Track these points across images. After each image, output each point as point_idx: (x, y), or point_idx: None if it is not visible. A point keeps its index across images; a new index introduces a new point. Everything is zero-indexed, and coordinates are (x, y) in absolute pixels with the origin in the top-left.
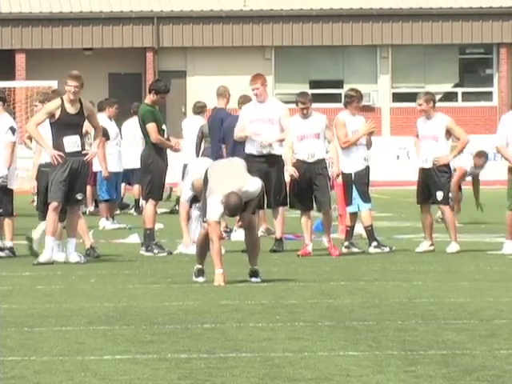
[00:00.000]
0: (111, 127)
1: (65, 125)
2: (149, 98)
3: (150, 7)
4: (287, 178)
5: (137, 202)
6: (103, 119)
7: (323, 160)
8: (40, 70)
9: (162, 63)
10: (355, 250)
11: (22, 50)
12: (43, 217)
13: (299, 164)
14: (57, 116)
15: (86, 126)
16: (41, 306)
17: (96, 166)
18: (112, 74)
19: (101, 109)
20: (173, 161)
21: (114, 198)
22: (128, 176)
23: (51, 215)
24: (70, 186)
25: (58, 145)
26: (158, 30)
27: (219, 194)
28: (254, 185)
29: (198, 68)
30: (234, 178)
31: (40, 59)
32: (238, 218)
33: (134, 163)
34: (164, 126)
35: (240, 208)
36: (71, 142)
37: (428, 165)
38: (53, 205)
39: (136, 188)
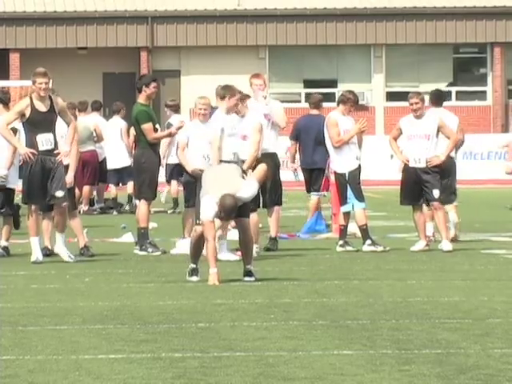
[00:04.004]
0: None
1: (36, 123)
2: (142, 97)
3: (144, 7)
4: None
5: (130, 197)
6: (97, 118)
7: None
8: (34, 70)
9: (156, 62)
10: (349, 248)
11: (16, 49)
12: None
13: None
14: (27, 115)
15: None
16: (35, 305)
17: (124, 162)
18: (106, 73)
19: (95, 108)
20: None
21: None
22: (118, 176)
23: (32, 216)
24: (46, 186)
25: (31, 143)
26: (152, 29)
27: (213, 195)
28: (247, 190)
29: (192, 67)
30: (228, 182)
31: (34, 58)
32: None
33: (122, 162)
34: (157, 125)
35: (235, 210)
36: (44, 140)
37: (421, 164)
38: (31, 207)
39: (130, 185)
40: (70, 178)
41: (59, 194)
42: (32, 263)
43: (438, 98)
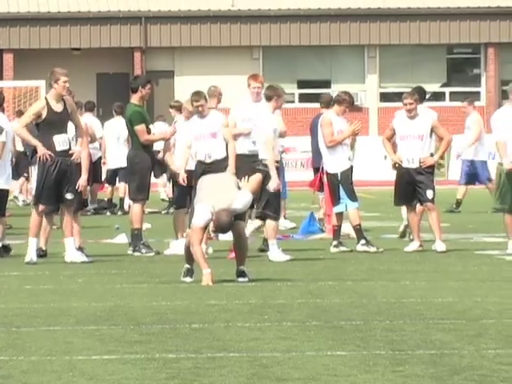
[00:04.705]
0: None
1: (53, 123)
2: (136, 97)
3: (137, 7)
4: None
5: (122, 200)
6: (90, 119)
7: (222, 160)
8: (28, 70)
9: (150, 63)
10: (343, 248)
11: (10, 49)
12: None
13: (199, 165)
14: (44, 116)
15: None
16: (29, 306)
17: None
18: (100, 73)
19: (88, 109)
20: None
21: None
22: (114, 176)
23: (36, 217)
24: (59, 187)
25: (48, 144)
26: (145, 29)
27: (207, 202)
28: (241, 202)
29: (186, 68)
30: (222, 192)
31: (28, 59)
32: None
33: (119, 163)
34: (151, 126)
35: (231, 226)
36: (61, 141)
37: (415, 165)
38: (40, 207)
39: (122, 187)
40: (84, 180)
41: (68, 196)
42: (25, 263)
43: (420, 94)
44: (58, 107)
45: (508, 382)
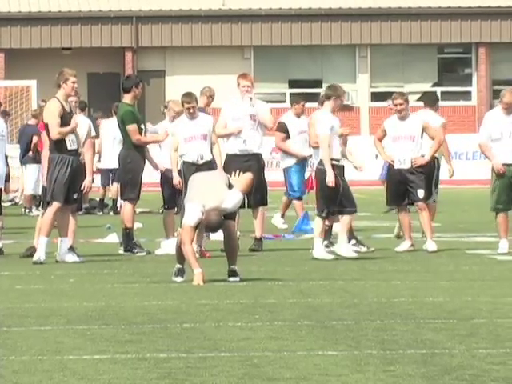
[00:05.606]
0: None
1: (66, 123)
2: (128, 97)
3: (128, 7)
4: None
5: (114, 201)
6: (83, 119)
7: (210, 162)
8: (19, 70)
9: (141, 63)
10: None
11: (1, 49)
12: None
13: (188, 166)
14: (61, 115)
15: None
16: (19, 306)
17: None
18: (91, 73)
19: (80, 108)
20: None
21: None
22: (108, 176)
23: (51, 216)
24: (70, 186)
25: (60, 143)
26: (136, 29)
27: (198, 201)
28: (232, 201)
29: (177, 68)
30: (214, 191)
31: (19, 59)
32: None
33: (115, 163)
34: (142, 126)
35: (220, 225)
36: (71, 140)
37: (406, 165)
38: (55, 205)
39: (114, 187)
40: (89, 181)
41: (75, 195)
42: (33, 263)
43: (435, 100)
44: (67, 107)
45: (499, 382)
